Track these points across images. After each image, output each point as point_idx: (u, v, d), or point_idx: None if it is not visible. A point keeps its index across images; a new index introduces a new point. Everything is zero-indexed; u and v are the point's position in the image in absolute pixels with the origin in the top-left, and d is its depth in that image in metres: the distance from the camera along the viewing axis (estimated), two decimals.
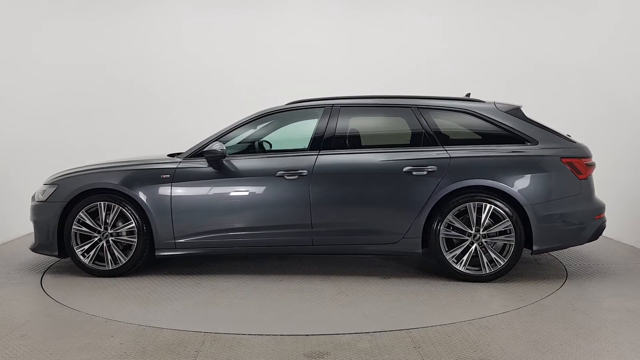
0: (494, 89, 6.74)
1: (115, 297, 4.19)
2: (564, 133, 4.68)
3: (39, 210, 4.79)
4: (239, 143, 4.99)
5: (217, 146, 4.55)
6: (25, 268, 5.04)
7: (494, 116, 4.57)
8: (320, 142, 4.62)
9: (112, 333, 3.44)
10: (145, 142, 7.20)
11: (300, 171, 4.50)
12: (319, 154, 4.57)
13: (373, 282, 4.48)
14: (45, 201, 4.75)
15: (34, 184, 6.70)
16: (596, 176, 4.61)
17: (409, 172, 4.42)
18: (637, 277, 4.60)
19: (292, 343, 3.26)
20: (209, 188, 4.59)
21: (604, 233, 4.64)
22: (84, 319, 3.72)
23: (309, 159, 4.55)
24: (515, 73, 7.26)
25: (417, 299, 4.06)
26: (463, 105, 4.66)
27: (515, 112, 4.64)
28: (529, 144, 4.47)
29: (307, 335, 3.38)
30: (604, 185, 5.27)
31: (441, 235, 4.40)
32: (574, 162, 4.40)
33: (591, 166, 4.51)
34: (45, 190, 4.81)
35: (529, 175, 4.37)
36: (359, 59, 7.72)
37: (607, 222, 4.62)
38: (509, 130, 4.52)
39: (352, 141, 4.74)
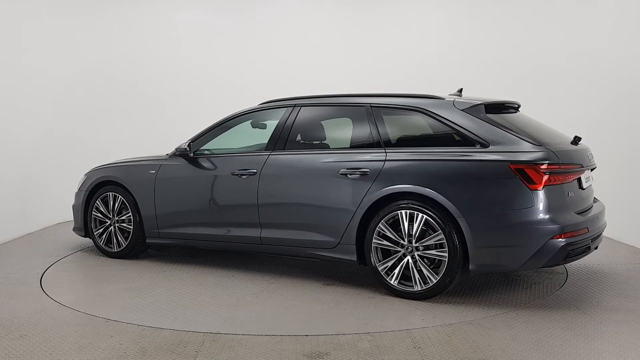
0: (499, 87, 6.74)
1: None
2: (570, 134, 4.28)
3: (75, 196, 5.66)
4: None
5: (184, 145, 4.95)
6: (25, 268, 5.04)
7: (445, 115, 4.08)
8: (275, 142, 4.65)
9: (112, 333, 3.44)
10: (158, 143, 7.21)
11: (250, 170, 4.59)
12: (270, 154, 4.60)
13: (309, 285, 4.49)
14: (78, 190, 5.63)
15: (32, 185, 6.72)
16: (596, 176, 4.42)
17: (345, 174, 4.22)
18: (637, 277, 4.59)
19: (292, 343, 3.26)
20: (180, 184, 5.01)
21: (604, 233, 4.30)
22: (84, 319, 3.72)
23: (261, 159, 4.62)
24: (519, 71, 7.22)
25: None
26: (414, 103, 4.25)
27: (475, 110, 4.07)
28: (478, 146, 3.91)
29: (307, 335, 3.38)
30: (604, 185, 5.26)
31: (373, 245, 4.08)
32: (525, 169, 3.69)
33: (557, 174, 3.76)
34: (80, 180, 5.67)
35: (468, 183, 3.82)
36: (358, 58, 7.71)
37: (592, 239, 3.95)
38: (458, 130, 4.01)
39: (304, 141, 4.66)
